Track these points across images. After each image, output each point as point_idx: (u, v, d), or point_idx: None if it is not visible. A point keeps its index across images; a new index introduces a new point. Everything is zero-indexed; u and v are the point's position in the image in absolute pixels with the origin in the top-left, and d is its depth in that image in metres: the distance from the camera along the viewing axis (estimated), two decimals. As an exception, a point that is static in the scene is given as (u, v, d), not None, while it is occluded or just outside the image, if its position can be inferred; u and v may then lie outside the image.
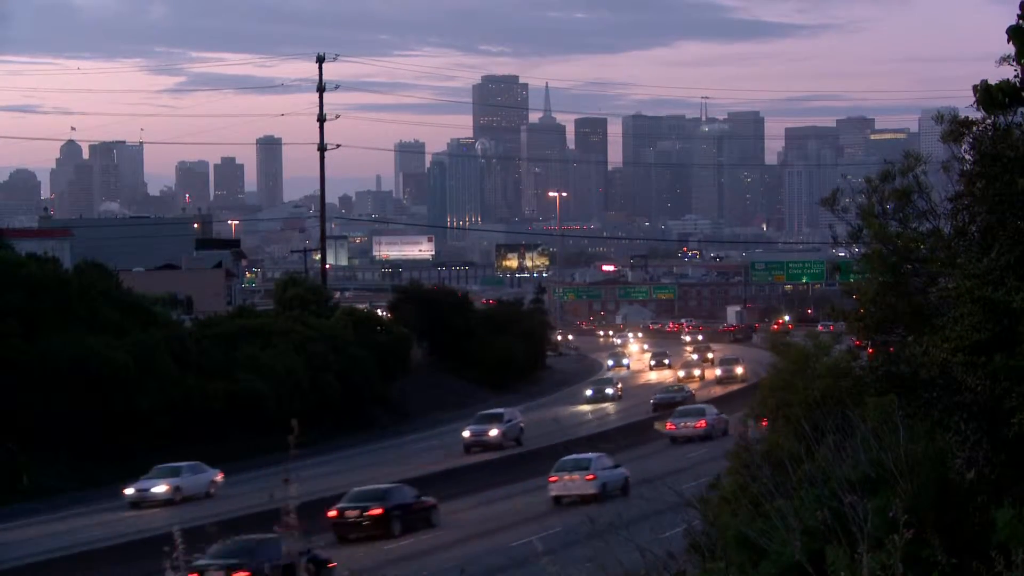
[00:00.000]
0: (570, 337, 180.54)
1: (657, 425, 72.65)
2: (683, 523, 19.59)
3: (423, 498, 47.95)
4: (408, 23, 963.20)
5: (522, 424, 73.76)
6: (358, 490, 47.56)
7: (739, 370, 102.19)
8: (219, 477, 61.62)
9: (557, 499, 50.65)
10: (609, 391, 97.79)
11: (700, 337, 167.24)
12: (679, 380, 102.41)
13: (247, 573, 35.21)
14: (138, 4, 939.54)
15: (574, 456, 52.91)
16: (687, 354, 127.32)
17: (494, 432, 71.02)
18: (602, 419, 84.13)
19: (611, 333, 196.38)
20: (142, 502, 57.76)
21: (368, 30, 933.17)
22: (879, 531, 11.43)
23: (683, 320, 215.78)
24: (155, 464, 60.53)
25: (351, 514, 45.56)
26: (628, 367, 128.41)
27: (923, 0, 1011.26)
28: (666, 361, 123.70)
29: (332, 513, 45.30)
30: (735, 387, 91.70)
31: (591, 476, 50.60)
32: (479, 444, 70.31)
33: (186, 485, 59.50)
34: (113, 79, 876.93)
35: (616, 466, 52.34)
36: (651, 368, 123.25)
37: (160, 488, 58.42)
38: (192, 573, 33.16)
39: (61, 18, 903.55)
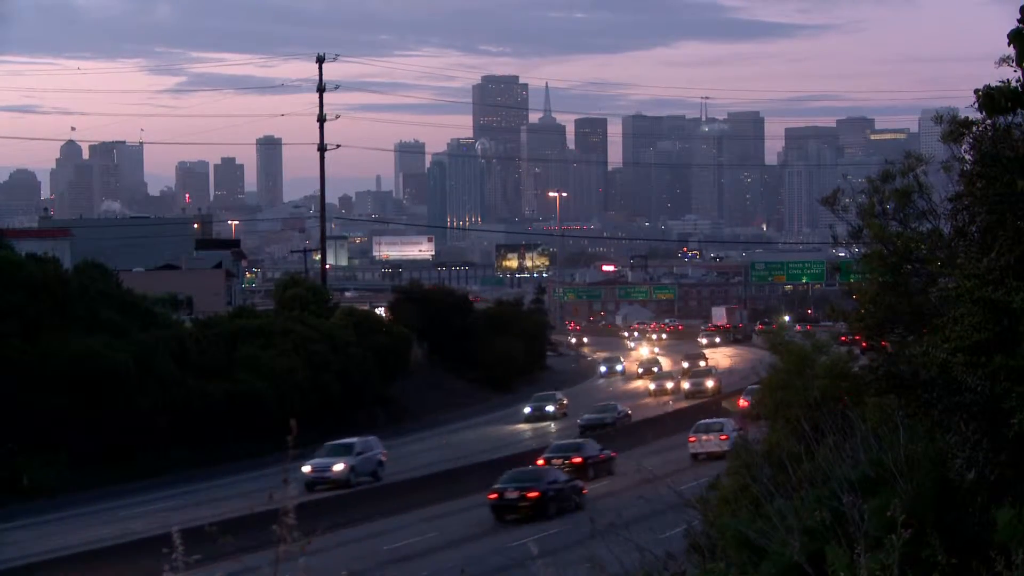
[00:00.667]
0: (584, 339, 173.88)
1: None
2: (683, 523, 19.60)
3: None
4: (408, 23, 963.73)
5: (382, 456, 62.51)
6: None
7: (709, 384, 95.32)
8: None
9: None
10: (550, 408, 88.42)
11: (704, 341, 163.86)
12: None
13: (537, 493, 47.82)
14: (139, 4, 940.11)
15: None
16: (681, 361, 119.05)
17: (339, 467, 59.58)
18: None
19: (631, 333, 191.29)
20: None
21: (368, 30, 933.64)
22: (879, 531, 11.43)
23: (666, 320, 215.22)
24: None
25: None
26: (623, 372, 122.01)
27: (924, 0, 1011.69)
28: (655, 369, 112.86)
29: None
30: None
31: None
32: (322, 481, 58.25)
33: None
34: (113, 79, 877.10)
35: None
36: (639, 376, 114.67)
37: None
38: (492, 494, 48.35)
39: (61, 18, 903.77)
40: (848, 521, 11.61)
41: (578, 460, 56.38)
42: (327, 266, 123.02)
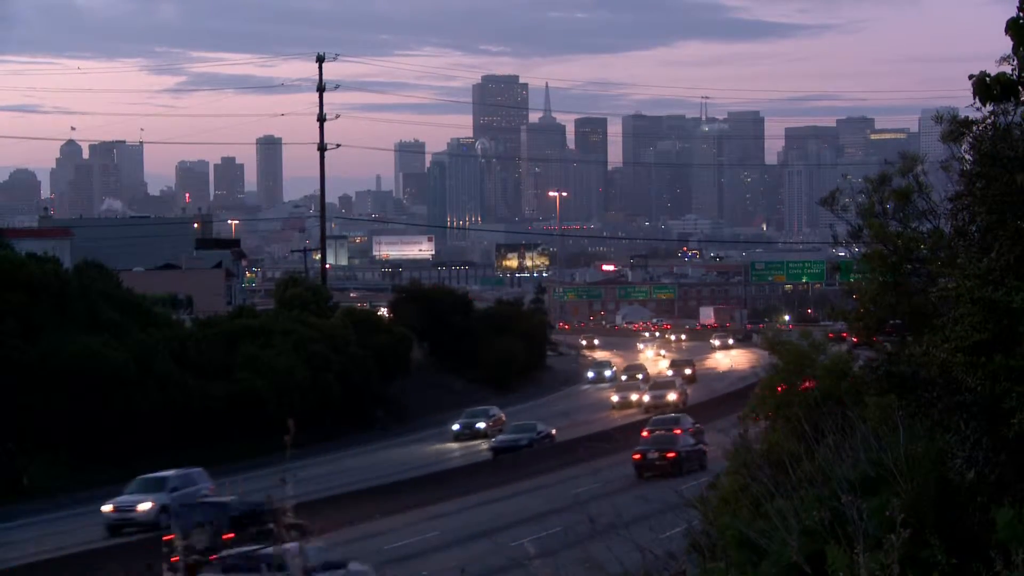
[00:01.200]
0: (596, 341, 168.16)
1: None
2: (683, 523, 19.60)
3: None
4: (409, 23, 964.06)
5: (208, 492, 52.81)
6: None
7: (671, 396, 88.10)
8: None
9: None
10: (480, 425, 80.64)
11: (717, 343, 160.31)
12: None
13: (674, 454, 56.25)
14: (140, 4, 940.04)
15: None
16: (662, 371, 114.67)
17: (146, 506, 50.31)
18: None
19: (649, 334, 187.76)
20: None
21: (369, 30, 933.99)
22: (879, 531, 11.43)
23: (653, 320, 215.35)
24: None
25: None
26: (612, 378, 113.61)
27: (924, 0, 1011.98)
28: (639, 376, 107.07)
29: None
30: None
31: None
32: (127, 523, 49.75)
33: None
34: (114, 79, 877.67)
35: None
36: (623, 382, 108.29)
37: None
38: (636, 454, 57.15)
39: (62, 18, 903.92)
40: (848, 521, 11.61)
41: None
42: (327, 266, 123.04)
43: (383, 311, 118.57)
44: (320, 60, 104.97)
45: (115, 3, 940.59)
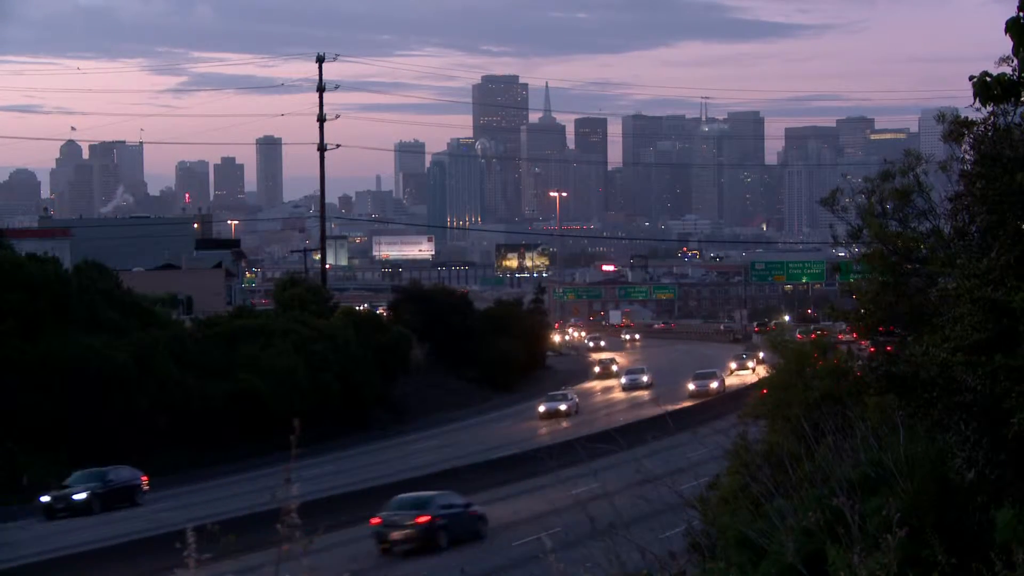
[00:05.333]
0: (602, 343, 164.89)
1: None
2: (683, 523, 19.60)
3: None
4: (410, 23, 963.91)
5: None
6: None
7: (563, 407, 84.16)
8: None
9: None
10: None
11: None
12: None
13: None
14: (140, 4, 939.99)
15: None
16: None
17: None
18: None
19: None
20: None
21: (369, 30, 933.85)
22: (879, 531, 11.44)
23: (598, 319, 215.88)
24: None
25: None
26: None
27: (924, 0, 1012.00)
28: (614, 368, 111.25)
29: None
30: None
31: None
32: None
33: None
34: (114, 79, 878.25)
35: None
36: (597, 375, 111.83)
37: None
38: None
39: (62, 18, 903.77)
40: (848, 521, 11.62)
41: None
42: (327, 266, 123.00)
43: (383, 311, 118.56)
44: (320, 60, 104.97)
45: (116, 3, 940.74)
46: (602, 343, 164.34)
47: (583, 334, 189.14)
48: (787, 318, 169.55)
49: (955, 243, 16.71)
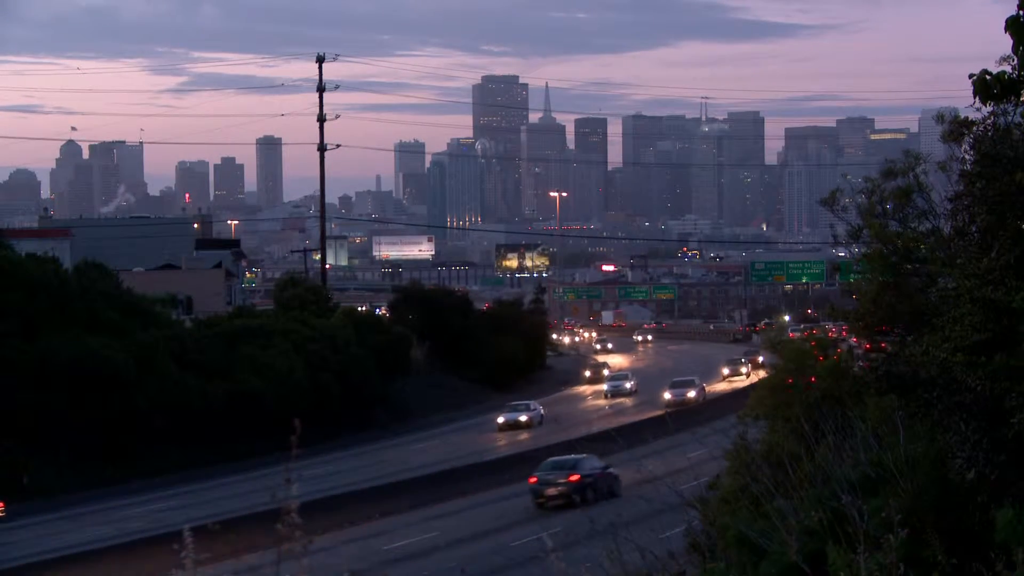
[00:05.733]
0: (609, 345, 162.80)
1: None
2: (683, 523, 19.61)
3: None
4: (410, 23, 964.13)
5: None
6: None
7: (523, 418, 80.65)
8: None
9: None
10: None
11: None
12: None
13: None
14: (142, 4, 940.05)
15: None
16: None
17: None
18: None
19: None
20: None
21: (369, 30, 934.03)
22: (879, 531, 11.43)
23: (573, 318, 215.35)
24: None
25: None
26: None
27: (924, 0, 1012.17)
28: (605, 372, 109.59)
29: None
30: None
31: None
32: None
33: None
34: (115, 79, 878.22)
35: None
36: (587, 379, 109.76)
37: None
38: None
39: (62, 18, 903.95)
40: (848, 521, 11.62)
41: None
42: (327, 266, 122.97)
43: (383, 311, 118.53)
44: (320, 60, 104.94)
45: (117, 3, 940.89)
46: (609, 345, 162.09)
47: (593, 334, 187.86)
48: (787, 318, 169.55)
49: (955, 243, 16.70)
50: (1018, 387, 13.06)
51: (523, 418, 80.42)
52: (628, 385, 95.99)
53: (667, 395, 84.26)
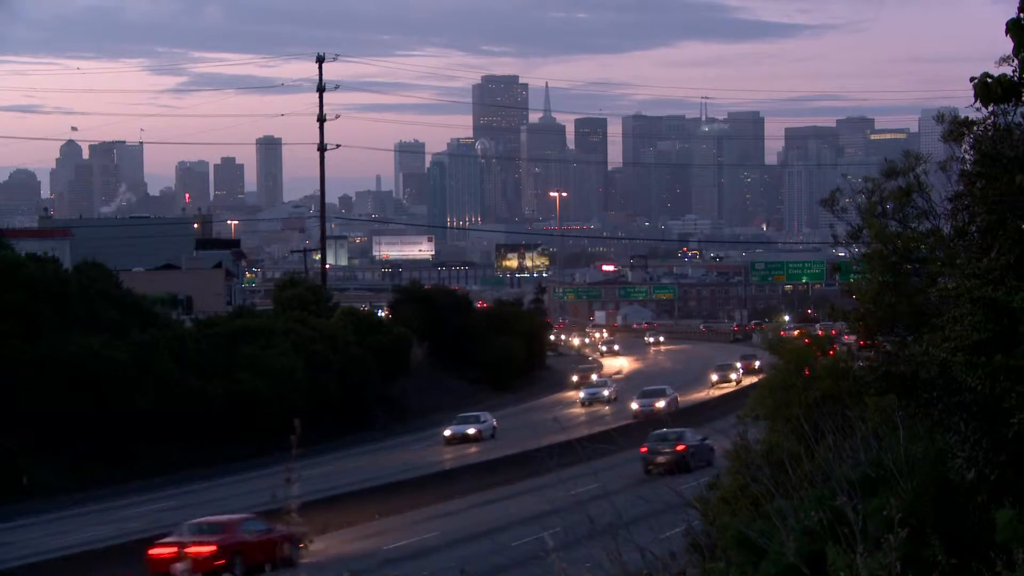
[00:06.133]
0: (615, 347, 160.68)
1: None
2: (683, 523, 19.60)
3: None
4: (410, 23, 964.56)
5: None
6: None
7: (471, 431, 75.85)
8: None
9: None
10: None
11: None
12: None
13: None
14: (143, 4, 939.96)
15: None
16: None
17: None
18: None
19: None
20: None
21: (369, 30, 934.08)
22: (879, 531, 11.43)
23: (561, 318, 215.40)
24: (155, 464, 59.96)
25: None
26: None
27: (924, 0, 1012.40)
28: (593, 377, 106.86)
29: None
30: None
31: None
32: None
33: None
34: (115, 79, 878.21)
35: None
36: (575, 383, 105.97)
37: None
38: None
39: (63, 18, 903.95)
40: (848, 521, 11.61)
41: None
42: (327, 266, 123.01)
43: (383, 311, 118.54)
44: (320, 60, 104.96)
45: (118, 3, 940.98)
46: (616, 347, 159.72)
47: (605, 334, 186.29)
48: (787, 318, 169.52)
49: (955, 243, 16.70)
50: (1018, 387, 13.05)
51: (471, 431, 75.81)
52: (606, 393, 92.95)
53: (634, 405, 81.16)
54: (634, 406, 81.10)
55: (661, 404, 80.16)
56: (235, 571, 36.60)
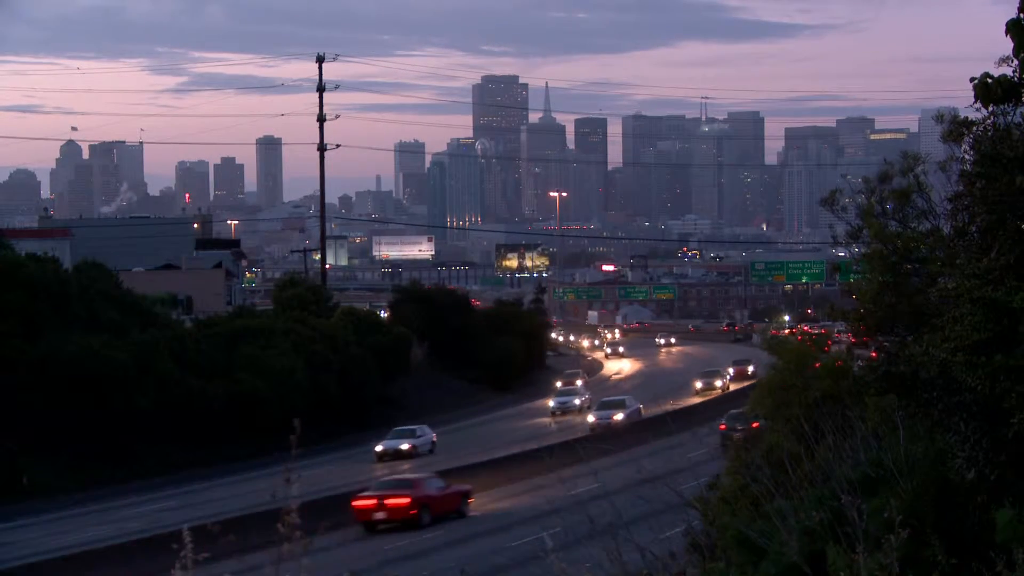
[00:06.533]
0: (621, 348, 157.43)
1: None
2: (683, 523, 19.60)
3: None
4: (410, 23, 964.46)
5: None
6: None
7: (404, 447, 69.35)
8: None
9: None
10: None
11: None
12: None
13: None
14: (143, 4, 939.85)
15: None
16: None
17: None
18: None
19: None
20: None
21: (369, 30, 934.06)
22: (879, 531, 11.43)
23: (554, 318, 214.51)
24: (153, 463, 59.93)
25: None
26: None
27: (924, 0, 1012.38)
28: (578, 383, 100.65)
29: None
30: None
31: None
32: None
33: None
34: (115, 79, 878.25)
35: None
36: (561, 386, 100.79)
37: None
38: None
39: (63, 18, 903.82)
40: (848, 521, 11.62)
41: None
42: (327, 266, 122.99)
43: (383, 311, 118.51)
44: (320, 60, 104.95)
45: (118, 3, 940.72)
46: (621, 349, 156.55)
47: (617, 334, 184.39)
48: (787, 318, 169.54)
49: (955, 243, 16.70)
50: (1018, 387, 13.06)
51: (404, 446, 69.28)
52: (577, 401, 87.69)
53: (591, 417, 75.28)
54: (590, 418, 75.15)
55: (619, 416, 73.38)
56: (424, 519, 45.99)
